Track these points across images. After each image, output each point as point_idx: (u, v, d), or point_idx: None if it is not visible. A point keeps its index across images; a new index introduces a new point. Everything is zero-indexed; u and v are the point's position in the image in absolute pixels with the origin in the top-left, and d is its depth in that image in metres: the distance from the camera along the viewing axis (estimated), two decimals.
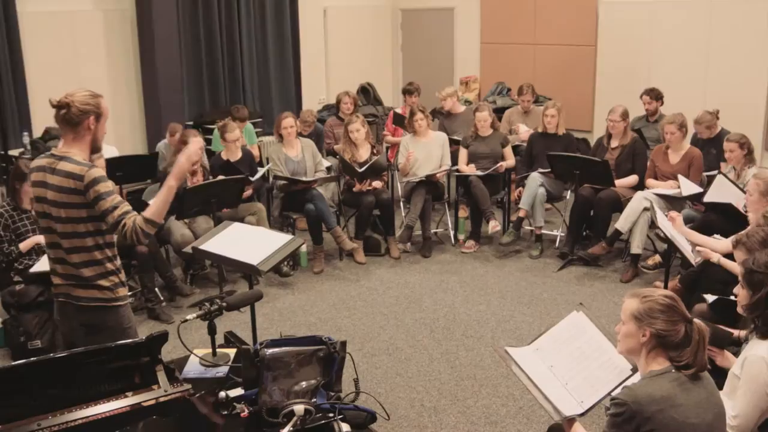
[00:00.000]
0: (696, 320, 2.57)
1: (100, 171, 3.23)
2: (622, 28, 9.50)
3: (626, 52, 9.49)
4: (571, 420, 2.75)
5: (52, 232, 3.33)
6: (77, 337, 3.38)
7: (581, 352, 2.95)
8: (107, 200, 3.20)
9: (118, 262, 3.47)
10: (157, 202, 3.30)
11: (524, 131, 8.08)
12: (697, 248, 4.89)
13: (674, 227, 5.15)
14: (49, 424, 2.50)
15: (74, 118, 3.22)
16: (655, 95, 7.92)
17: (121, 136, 6.70)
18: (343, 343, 2.67)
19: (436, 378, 4.85)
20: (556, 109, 7.21)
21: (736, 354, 3.35)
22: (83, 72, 7.85)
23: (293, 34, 9.88)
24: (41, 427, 2.49)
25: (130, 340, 2.80)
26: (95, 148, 3.36)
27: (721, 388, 2.83)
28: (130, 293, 3.89)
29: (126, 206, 3.24)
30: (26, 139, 7.09)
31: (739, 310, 3.16)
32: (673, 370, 2.50)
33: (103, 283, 3.36)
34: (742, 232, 4.06)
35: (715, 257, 4.70)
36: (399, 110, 8.86)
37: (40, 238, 5.30)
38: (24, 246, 5.30)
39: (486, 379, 4.81)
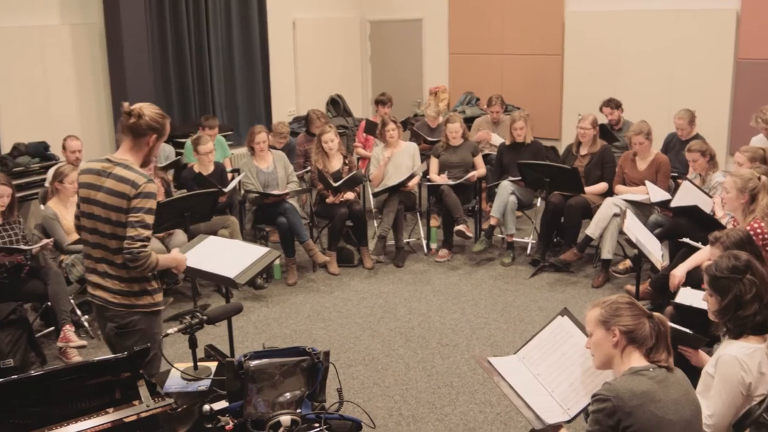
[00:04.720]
0: (655, 314, 2.69)
1: (155, 188, 3.36)
2: (588, 37, 9.65)
3: (593, 60, 9.64)
4: (557, 426, 2.79)
5: (97, 233, 3.42)
6: (111, 337, 3.51)
7: (567, 357, 2.99)
8: (144, 217, 3.32)
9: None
10: (167, 260, 3.62)
11: (496, 141, 8.15)
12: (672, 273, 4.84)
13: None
14: None
15: (140, 130, 3.40)
16: (614, 104, 8.06)
17: (91, 147, 6.64)
18: (327, 353, 2.70)
19: (413, 387, 4.88)
20: (523, 120, 7.28)
21: (710, 354, 3.41)
22: (52, 86, 7.78)
23: (262, 46, 9.87)
24: None
25: (110, 356, 2.79)
26: (146, 162, 3.51)
27: (695, 387, 2.89)
28: None
29: (149, 235, 3.38)
30: None
31: (711, 317, 3.18)
32: (652, 369, 2.57)
33: (141, 287, 3.46)
34: (723, 230, 4.01)
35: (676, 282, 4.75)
36: (372, 119, 8.87)
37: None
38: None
39: (463, 387, 4.85)
